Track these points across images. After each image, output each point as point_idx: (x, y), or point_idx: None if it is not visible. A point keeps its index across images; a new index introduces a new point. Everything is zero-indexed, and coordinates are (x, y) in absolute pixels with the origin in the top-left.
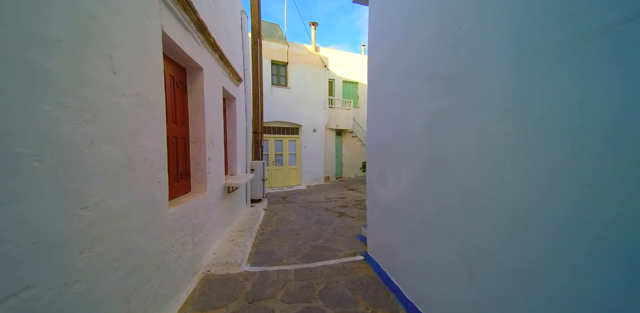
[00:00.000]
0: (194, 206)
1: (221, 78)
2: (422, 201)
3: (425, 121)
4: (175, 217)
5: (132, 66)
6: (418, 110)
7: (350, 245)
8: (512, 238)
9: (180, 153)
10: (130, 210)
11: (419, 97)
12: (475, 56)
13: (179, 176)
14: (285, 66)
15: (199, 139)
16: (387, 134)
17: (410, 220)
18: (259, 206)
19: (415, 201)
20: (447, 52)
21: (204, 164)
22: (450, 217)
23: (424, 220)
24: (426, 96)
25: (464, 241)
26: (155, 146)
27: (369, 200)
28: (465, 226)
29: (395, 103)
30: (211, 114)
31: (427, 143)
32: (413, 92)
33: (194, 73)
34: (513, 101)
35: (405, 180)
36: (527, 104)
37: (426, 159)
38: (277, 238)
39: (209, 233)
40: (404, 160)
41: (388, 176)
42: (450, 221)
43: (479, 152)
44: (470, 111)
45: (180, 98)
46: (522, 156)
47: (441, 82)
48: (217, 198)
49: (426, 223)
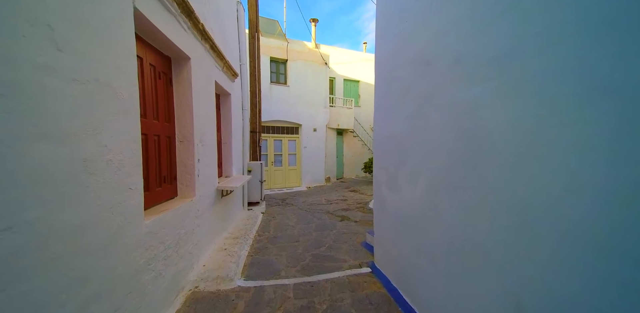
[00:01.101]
0: (179, 214)
1: (214, 71)
2: (444, 213)
3: (450, 116)
4: (154, 229)
5: (88, 45)
6: (439, 103)
7: (355, 253)
8: (579, 268)
9: (163, 153)
10: (84, 226)
11: (441, 87)
12: (527, 29)
13: (161, 180)
14: (284, 63)
15: (186, 138)
16: (399, 131)
17: (429, 233)
18: (257, 209)
19: (435, 212)
20: (481, 30)
21: (193, 166)
22: (484, 235)
23: (446, 234)
24: (451, 85)
25: (507, 267)
26: (124, 145)
27: (376, 205)
28: (508, 248)
29: (409, 96)
30: (201, 110)
31: (451, 142)
32: (432, 82)
33: (181, 63)
34: (587, 84)
35: (422, 186)
36: (611, 87)
37: (450, 162)
38: (275, 246)
39: (199, 243)
40: (420, 162)
41: (400, 180)
42: (485, 240)
43: (528, 154)
44: (516, 101)
45: (164, 91)
46: (596, 160)
47: (472, 67)
48: (209, 202)
49: (450, 238)
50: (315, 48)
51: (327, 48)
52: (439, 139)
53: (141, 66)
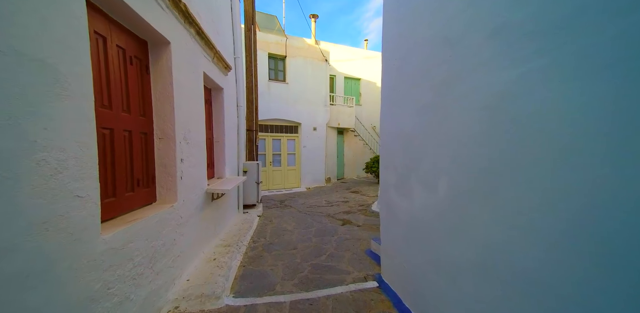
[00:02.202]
0: (154, 223)
1: (202, 62)
2: (474, 225)
3: (484, 104)
4: (116, 244)
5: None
6: (464, 90)
7: (359, 263)
8: None
9: (137, 152)
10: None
11: (466, 71)
12: None
13: (134, 184)
14: (283, 60)
15: (166, 135)
16: (410, 127)
17: (452, 248)
18: (253, 212)
19: (461, 223)
20: None
21: (174, 166)
22: (530, 255)
23: (476, 251)
24: (480, 67)
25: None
26: (67, 140)
27: (383, 210)
28: (565, 276)
29: (423, 85)
30: (185, 103)
31: (480, 138)
32: (455, 66)
33: (159, 49)
34: None
35: (442, 191)
36: None
37: (480, 162)
38: (270, 255)
39: (182, 254)
40: (438, 162)
41: (412, 183)
42: (531, 262)
43: (598, 153)
44: (581, 83)
45: (138, 80)
46: None
47: (513, 41)
48: (196, 207)
49: (481, 257)
50: (315, 44)
51: (328, 45)
52: (464, 135)
53: (104, 47)
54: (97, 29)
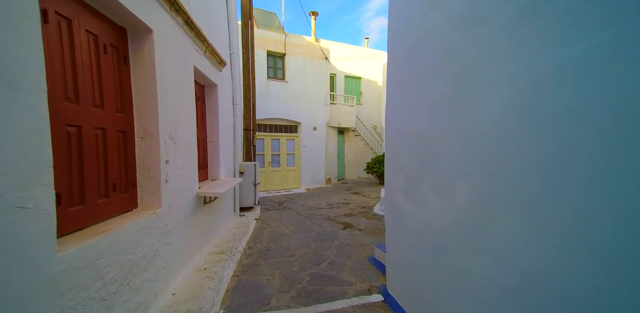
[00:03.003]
0: (131, 233)
1: (192, 55)
2: (508, 241)
3: (522, 94)
4: (78, 262)
5: None
6: (494, 79)
7: (362, 273)
8: None
9: (113, 153)
10: None
11: (498, 54)
12: None
13: (110, 189)
14: (282, 58)
15: (149, 134)
16: (423, 123)
17: (476, 266)
18: (250, 215)
19: (488, 237)
20: None
21: (158, 169)
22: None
23: (517, 277)
24: (517, 48)
25: None
26: (8, 140)
27: (389, 217)
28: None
29: (439, 75)
30: (172, 99)
31: (524, 134)
32: (482, 50)
33: (140, 37)
34: None
35: (465, 198)
36: None
37: (523, 166)
38: (266, 262)
39: (168, 265)
40: (460, 165)
41: (425, 189)
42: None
43: None
44: None
45: (115, 71)
46: None
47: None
48: (184, 213)
49: (519, 280)
50: (315, 42)
51: (328, 43)
52: (493, 132)
53: (68, 31)
54: (59, 10)
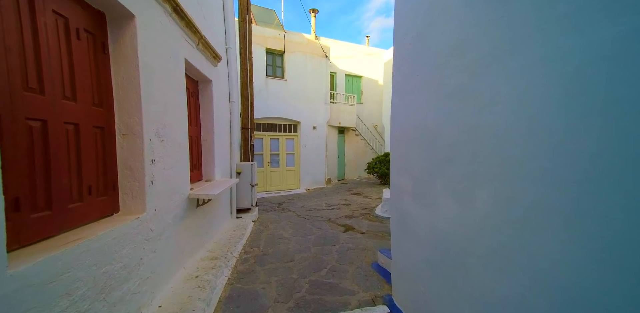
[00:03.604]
0: (108, 241)
1: (182, 46)
2: (550, 258)
3: (567, 79)
4: (37, 279)
5: None
6: (534, 60)
7: (365, 280)
8: None
9: (87, 151)
10: None
11: (538, 31)
12: None
13: (85, 191)
14: (281, 56)
15: (132, 131)
16: (436, 119)
17: (505, 285)
18: (247, 217)
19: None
20: None
21: (142, 169)
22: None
23: (556, 298)
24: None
25: None
26: None
27: (395, 222)
28: None
29: (456, 62)
30: (159, 93)
31: (570, 128)
32: (516, 26)
33: (120, 23)
34: None
35: (489, 204)
36: None
37: (570, 166)
38: (263, 269)
39: (153, 275)
40: (482, 165)
41: (438, 192)
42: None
43: None
44: None
45: (89, 60)
46: None
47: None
48: (174, 216)
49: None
50: (315, 39)
51: (328, 41)
52: (525, 127)
53: (29, 10)
54: None
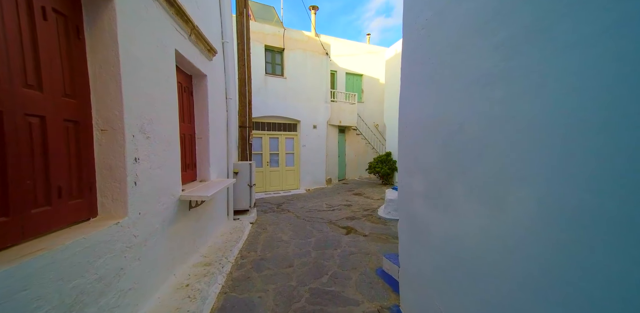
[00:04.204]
0: (79, 251)
1: (173, 36)
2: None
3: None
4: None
5: None
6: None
7: (370, 288)
8: None
9: (57, 148)
10: None
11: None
12: None
13: (54, 194)
14: (281, 53)
15: (112, 126)
16: (457, 112)
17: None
18: (245, 219)
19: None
20: None
21: (123, 168)
22: None
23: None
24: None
25: None
26: None
27: (404, 227)
28: None
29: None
30: (144, 85)
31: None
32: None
33: (97, 5)
34: None
35: (530, 212)
36: None
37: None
38: (260, 275)
39: (136, 286)
40: (520, 165)
41: (458, 195)
42: None
43: None
44: None
45: (59, 44)
46: None
47: None
48: (163, 220)
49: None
50: (315, 37)
51: (328, 38)
52: (578, 118)
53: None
54: None
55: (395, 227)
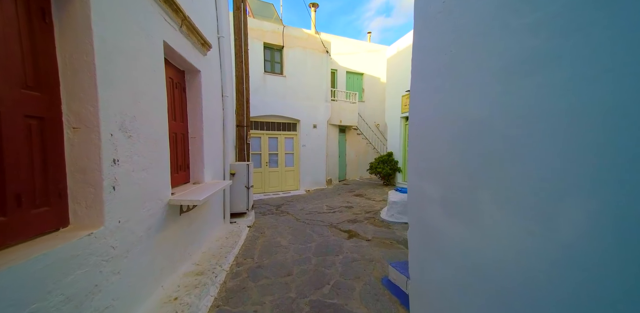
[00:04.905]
0: (37, 270)
1: (161, 27)
2: None
3: None
4: None
5: None
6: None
7: (375, 300)
8: None
9: (15, 148)
10: None
11: None
12: None
13: (11, 202)
14: (280, 51)
15: (85, 123)
16: (483, 104)
17: None
18: (242, 222)
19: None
20: None
21: (99, 171)
22: None
23: None
24: None
25: None
26: None
27: (415, 234)
28: None
29: (527, 16)
30: (126, 78)
31: None
32: None
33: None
34: None
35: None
36: None
37: None
38: (256, 285)
39: (116, 303)
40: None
41: (487, 204)
42: None
43: None
44: None
45: (22, 29)
46: None
47: None
48: (148, 228)
49: None
50: (315, 34)
51: (329, 36)
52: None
53: None
54: None
55: (400, 231)
